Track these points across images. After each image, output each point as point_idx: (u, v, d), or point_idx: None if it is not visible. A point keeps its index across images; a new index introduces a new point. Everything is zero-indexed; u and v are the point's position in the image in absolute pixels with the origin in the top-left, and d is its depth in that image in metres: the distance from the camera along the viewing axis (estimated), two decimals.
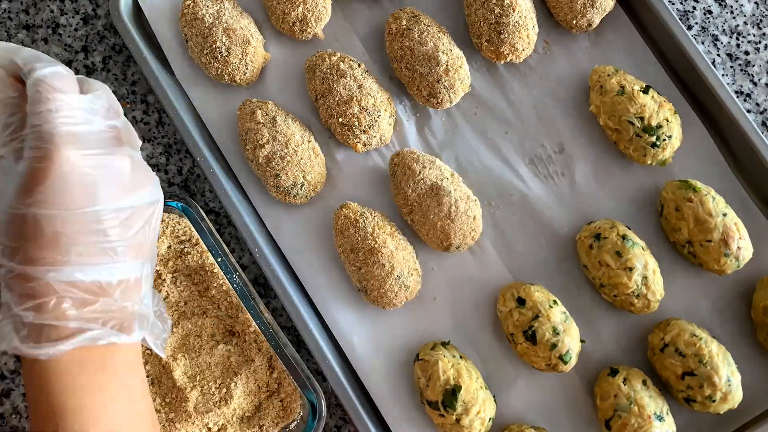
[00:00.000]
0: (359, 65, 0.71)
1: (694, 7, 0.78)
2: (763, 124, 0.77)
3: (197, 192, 0.75)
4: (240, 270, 0.67)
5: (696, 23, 0.78)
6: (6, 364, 0.73)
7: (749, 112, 0.77)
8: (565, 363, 0.66)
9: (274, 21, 0.72)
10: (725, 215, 0.66)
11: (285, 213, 0.72)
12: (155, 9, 0.73)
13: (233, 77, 0.71)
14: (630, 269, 0.66)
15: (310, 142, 0.70)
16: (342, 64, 0.70)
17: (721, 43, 0.78)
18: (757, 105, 0.77)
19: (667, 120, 0.68)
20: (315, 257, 0.71)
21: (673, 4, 0.78)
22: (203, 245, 0.70)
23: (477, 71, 0.74)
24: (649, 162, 0.69)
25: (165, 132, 0.76)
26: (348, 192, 0.73)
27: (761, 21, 0.78)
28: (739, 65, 0.77)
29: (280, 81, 0.74)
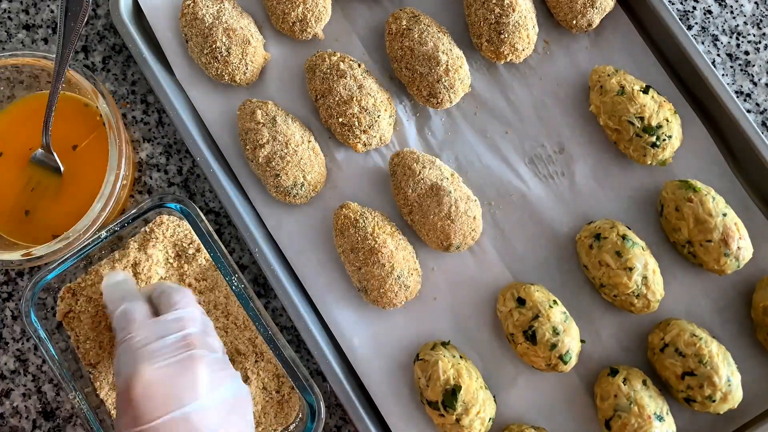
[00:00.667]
0: (359, 65, 0.71)
1: (694, 7, 0.78)
2: (763, 124, 0.77)
3: (197, 192, 0.75)
4: (239, 272, 0.67)
5: (696, 23, 0.78)
6: (6, 364, 0.73)
7: (749, 112, 0.77)
8: (565, 363, 0.66)
9: (274, 21, 0.72)
10: (725, 215, 0.66)
11: (285, 213, 0.72)
12: (155, 9, 0.73)
13: (233, 77, 0.71)
14: (630, 269, 0.66)
15: (310, 142, 0.70)
16: (342, 64, 0.70)
17: (721, 43, 0.78)
18: (757, 105, 0.77)
19: (667, 120, 0.68)
20: (315, 257, 0.71)
21: (673, 4, 0.78)
22: (202, 248, 0.70)
23: (477, 71, 0.74)
24: (649, 162, 0.69)
25: (165, 132, 0.76)
26: (348, 192, 0.73)
27: (761, 21, 0.78)
28: (739, 65, 0.77)
29: (280, 81, 0.74)
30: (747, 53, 0.78)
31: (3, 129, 0.71)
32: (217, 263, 0.66)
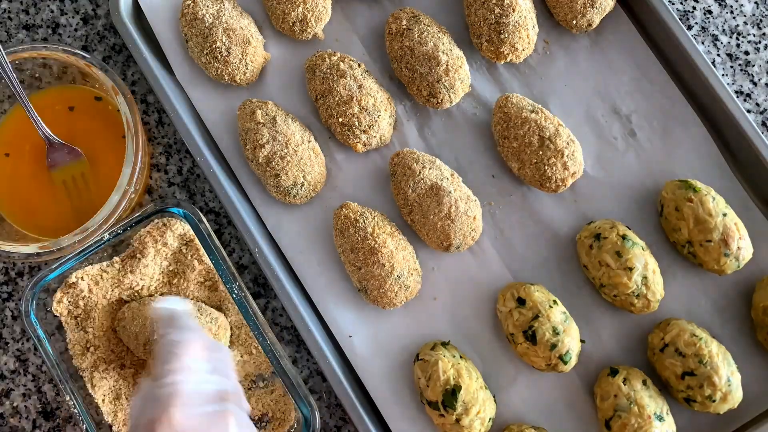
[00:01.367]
0: (359, 65, 0.71)
1: (694, 7, 0.78)
2: (763, 124, 0.77)
3: (197, 192, 0.75)
4: (240, 280, 0.66)
5: (696, 23, 0.78)
6: (6, 364, 0.73)
7: (749, 112, 0.77)
8: (565, 363, 0.66)
9: (274, 21, 0.72)
10: (725, 215, 0.66)
11: (285, 213, 0.72)
12: (155, 9, 0.73)
13: (233, 77, 0.71)
14: (630, 269, 0.66)
15: (310, 142, 0.70)
16: (342, 64, 0.70)
17: (721, 43, 0.78)
18: (757, 105, 0.77)
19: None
20: (315, 257, 0.71)
21: (673, 4, 0.78)
22: (203, 252, 0.69)
23: (477, 71, 0.74)
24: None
25: (165, 132, 0.76)
26: (348, 192, 0.73)
27: (761, 21, 0.78)
28: (739, 65, 0.77)
29: (280, 81, 0.74)
30: (747, 53, 0.78)
31: (14, 127, 0.72)
32: (219, 270, 0.66)
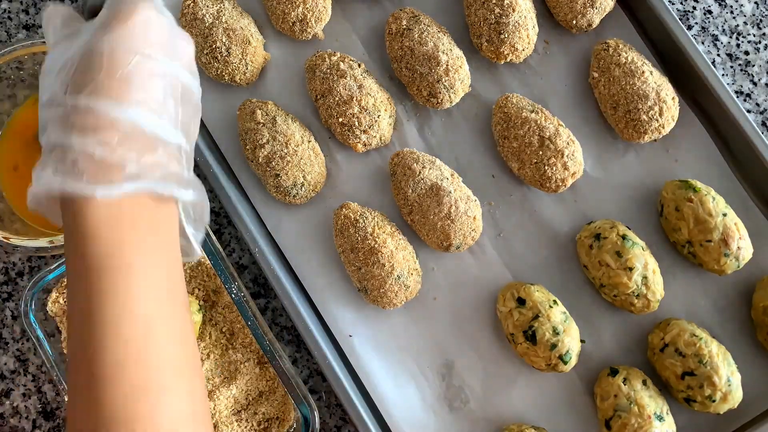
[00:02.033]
0: (359, 65, 0.71)
1: (694, 7, 0.78)
2: (763, 124, 0.77)
3: None
4: (239, 280, 0.66)
5: (696, 23, 0.78)
6: (6, 364, 0.73)
7: (749, 112, 0.77)
8: (565, 363, 0.66)
9: (274, 21, 0.72)
10: (725, 215, 0.66)
11: (285, 213, 0.72)
12: None
13: (233, 77, 0.71)
14: (630, 269, 0.66)
15: (310, 142, 0.70)
16: (342, 64, 0.70)
17: (721, 43, 0.78)
18: (757, 105, 0.77)
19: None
20: (315, 257, 0.71)
21: (673, 4, 0.78)
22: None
23: (477, 71, 0.74)
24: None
25: None
26: (348, 192, 0.73)
27: (761, 21, 0.78)
28: (739, 65, 0.77)
29: (280, 81, 0.74)
30: (747, 53, 0.78)
31: (22, 123, 0.72)
32: (218, 270, 0.66)
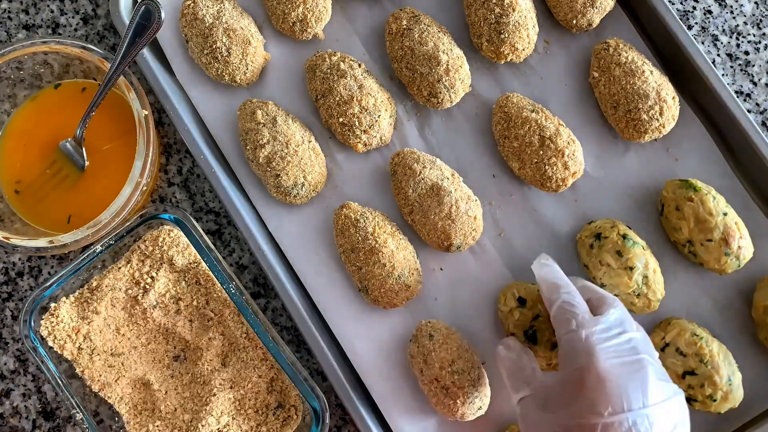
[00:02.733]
0: (359, 65, 0.71)
1: (694, 7, 0.78)
2: (763, 124, 0.77)
3: (197, 192, 0.75)
4: (236, 280, 0.66)
5: (696, 23, 0.78)
6: (6, 364, 0.73)
7: (749, 112, 0.77)
8: None
9: (274, 21, 0.72)
10: (726, 214, 0.66)
11: (285, 213, 0.72)
12: None
13: (233, 77, 0.71)
14: (631, 269, 0.66)
15: (310, 142, 0.70)
16: (342, 64, 0.70)
17: (721, 43, 0.78)
18: (757, 105, 0.77)
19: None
20: (315, 257, 0.71)
21: (673, 4, 0.78)
22: (199, 257, 0.69)
23: (477, 71, 0.74)
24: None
25: (165, 132, 0.76)
26: (348, 192, 0.73)
27: (761, 21, 0.78)
28: (739, 65, 0.77)
29: (280, 81, 0.74)
30: (747, 53, 0.78)
31: (29, 118, 0.72)
32: (214, 271, 0.66)
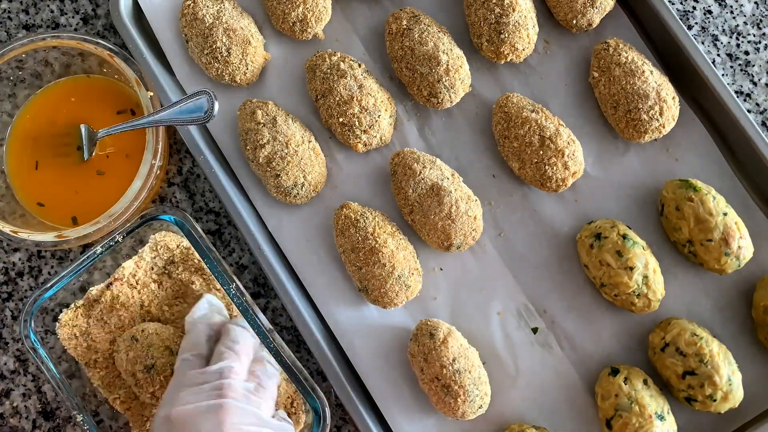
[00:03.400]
0: (359, 65, 0.71)
1: (694, 7, 0.78)
2: (763, 124, 0.77)
3: (197, 192, 0.75)
4: (237, 281, 0.66)
5: (696, 23, 0.78)
6: (6, 364, 0.73)
7: (749, 112, 0.77)
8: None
9: (274, 21, 0.72)
10: (726, 214, 0.66)
11: (285, 213, 0.72)
12: (155, 9, 0.73)
13: (233, 77, 0.71)
14: (631, 269, 0.66)
15: (310, 142, 0.70)
16: (342, 64, 0.70)
17: (721, 43, 0.78)
18: (757, 105, 0.77)
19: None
20: (315, 257, 0.71)
21: (673, 4, 0.78)
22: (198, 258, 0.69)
23: (477, 71, 0.74)
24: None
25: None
26: (348, 192, 0.73)
27: (761, 21, 0.78)
28: (739, 65, 0.77)
29: (280, 81, 0.74)
30: (747, 53, 0.78)
31: (36, 111, 0.72)
32: (215, 272, 0.66)
